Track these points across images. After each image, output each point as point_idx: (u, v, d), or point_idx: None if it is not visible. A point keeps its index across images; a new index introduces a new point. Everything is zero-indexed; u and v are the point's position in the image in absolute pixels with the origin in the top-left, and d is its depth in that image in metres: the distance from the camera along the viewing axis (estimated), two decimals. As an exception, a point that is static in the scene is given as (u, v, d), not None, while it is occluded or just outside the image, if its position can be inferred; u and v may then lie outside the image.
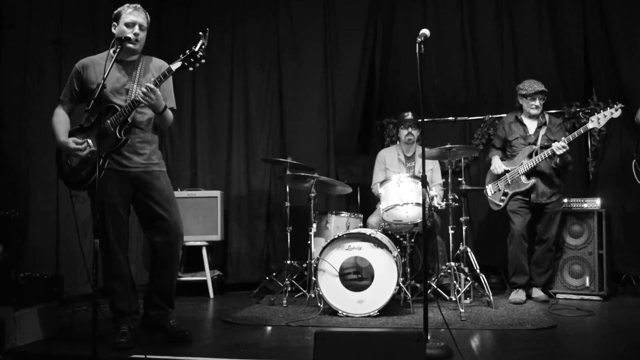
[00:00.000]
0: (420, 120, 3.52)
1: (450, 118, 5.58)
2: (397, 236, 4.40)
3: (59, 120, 3.20)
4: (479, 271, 4.29)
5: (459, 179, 4.45)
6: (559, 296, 4.56)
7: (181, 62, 2.99)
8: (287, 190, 4.94)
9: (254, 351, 3.03)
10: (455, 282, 4.17)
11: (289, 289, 4.54)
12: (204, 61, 2.98)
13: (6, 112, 4.26)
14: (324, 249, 3.98)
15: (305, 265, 4.71)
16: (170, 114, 3.24)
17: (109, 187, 3.10)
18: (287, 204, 4.89)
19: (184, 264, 5.31)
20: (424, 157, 3.08)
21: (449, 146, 4.19)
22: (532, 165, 4.41)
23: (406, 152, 4.91)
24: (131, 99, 3.06)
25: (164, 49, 5.63)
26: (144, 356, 2.81)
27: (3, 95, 4.25)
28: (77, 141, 3.10)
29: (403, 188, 4.11)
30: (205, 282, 5.11)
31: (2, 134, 4.24)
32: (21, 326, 3.18)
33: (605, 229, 4.53)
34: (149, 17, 3.23)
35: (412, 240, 4.30)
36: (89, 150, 3.09)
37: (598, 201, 4.58)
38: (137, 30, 3.13)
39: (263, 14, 5.74)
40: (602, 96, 5.06)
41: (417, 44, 2.86)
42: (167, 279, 3.26)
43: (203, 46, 2.96)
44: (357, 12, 5.54)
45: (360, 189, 5.37)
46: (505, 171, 4.54)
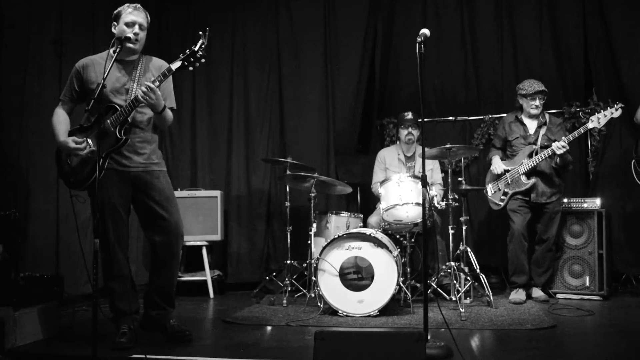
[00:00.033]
0: (420, 120, 3.52)
1: (450, 118, 5.58)
2: (397, 236, 4.40)
3: (59, 120, 3.20)
4: (479, 271, 4.29)
5: (459, 179, 4.45)
6: (559, 296, 4.57)
7: (181, 61, 2.98)
8: (287, 190, 4.94)
9: (254, 351, 3.03)
10: (455, 282, 4.17)
11: (289, 288, 4.54)
12: (204, 61, 2.98)
13: (6, 112, 4.26)
14: (324, 248, 3.98)
15: (305, 265, 4.70)
16: (170, 114, 3.24)
17: (109, 187, 3.10)
18: (287, 203, 4.89)
19: (184, 263, 5.31)
20: (424, 157, 3.08)
21: (449, 146, 4.18)
22: (532, 165, 4.41)
23: (406, 152, 4.91)
24: (131, 98, 3.06)
25: (164, 49, 5.62)
26: (144, 356, 2.80)
27: (3, 95, 4.24)
28: (76, 140, 3.10)
29: (403, 188, 4.11)
30: (205, 282, 5.11)
31: (2, 134, 4.23)
32: (21, 326, 3.18)
33: (605, 228, 4.53)
34: (149, 16, 3.23)
35: (412, 240, 4.31)
36: (88, 149, 3.09)
37: (598, 201, 4.58)
38: (137, 29, 3.13)
39: (263, 14, 5.74)
40: (602, 96, 5.06)
41: (417, 43, 2.86)
42: (167, 278, 3.26)
43: (203, 46, 2.96)
44: (357, 12, 5.53)
45: (360, 188, 5.37)
46: (506, 171, 4.55)
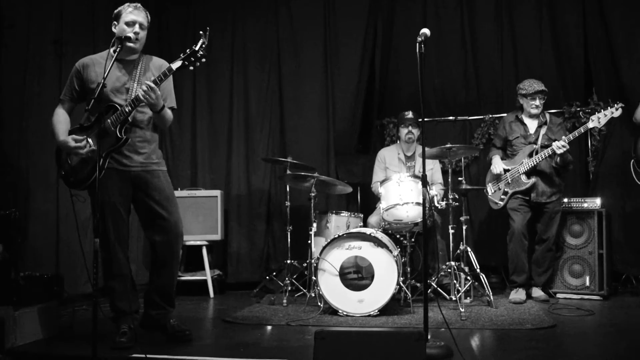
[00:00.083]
0: (421, 119, 3.52)
1: (451, 118, 5.58)
2: (398, 236, 4.40)
3: (59, 119, 3.19)
4: (479, 271, 4.29)
5: (459, 179, 4.45)
6: (559, 296, 4.57)
7: (182, 61, 2.98)
8: (287, 189, 4.94)
9: (254, 351, 3.03)
10: (455, 281, 4.17)
11: (289, 288, 4.55)
12: (204, 60, 2.98)
13: (6, 112, 4.26)
14: (324, 248, 3.98)
15: (305, 264, 4.70)
16: (170, 114, 3.24)
17: (109, 186, 3.10)
18: (287, 203, 4.88)
19: (184, 263, 5.31)
20: (424, 157, 3.08)
21: (449, 146, 4.18)
22: (533, 165, 4.41)
23: (406, 152, 4.91)
24: (131, 98, 3.06)
25: (164, 48, 5.62)
26: (144, 355, 2.80)
27: (3, 95, 4.24)
28: (76, 139, 3.09)
29: (403, 187, 4.11)
30: (205, 281, 5.11)
31: (2, 134, 4.23)
32: (21, 325, 3.18)
33: (606, 228, 4.54)
34: (149, 16, 3.23)
35: (412, 239, 4.31)
36: (88, 148, 3.08)
37: (598, 201, 4.58)
38: (137, 29, 3.13)
39: (263, 14, 5.74)
40: (602, 96, 5.06)
41: (417, 43, 2.86)
42: (167, 278, 3.26)
43: (203, 45, 2.96)
44: (357, 12, 5.53)
45: (360, 188, 5.36)
46: (506, 170, 4.55)
